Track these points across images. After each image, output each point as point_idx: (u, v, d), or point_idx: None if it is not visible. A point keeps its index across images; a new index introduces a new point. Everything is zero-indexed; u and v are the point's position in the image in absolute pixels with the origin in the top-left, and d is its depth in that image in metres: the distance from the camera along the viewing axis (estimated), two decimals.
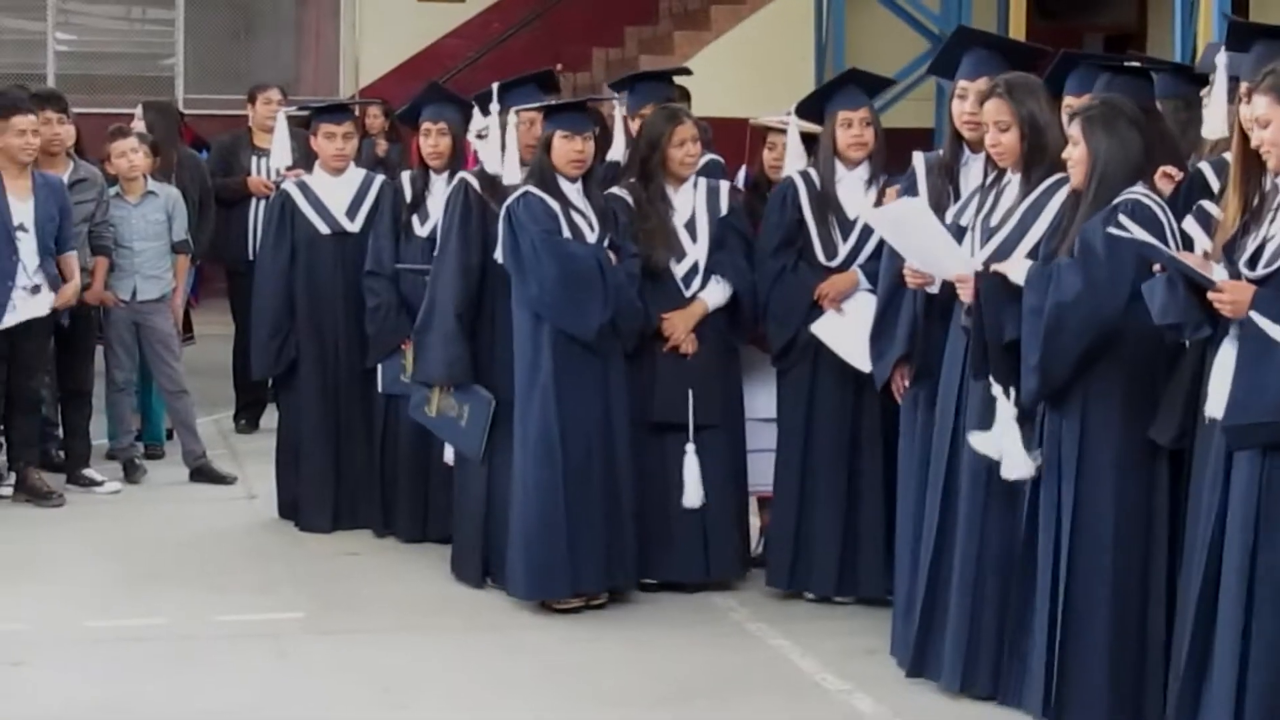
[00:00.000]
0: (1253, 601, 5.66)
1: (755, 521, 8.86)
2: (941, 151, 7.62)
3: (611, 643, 7.65)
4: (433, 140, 9.31)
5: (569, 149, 7.95)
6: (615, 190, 8.35)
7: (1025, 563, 6.60)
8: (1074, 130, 6.26)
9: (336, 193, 9.74)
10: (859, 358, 7.78)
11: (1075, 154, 6.21)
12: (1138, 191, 6.23)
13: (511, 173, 8.16)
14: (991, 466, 6.60)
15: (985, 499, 6.75)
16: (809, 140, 8.41)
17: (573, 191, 8.05)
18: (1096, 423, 6.36)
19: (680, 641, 7.67)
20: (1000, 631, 6.71)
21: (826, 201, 8.15)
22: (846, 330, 7.95)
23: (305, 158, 10.32)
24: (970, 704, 6.72)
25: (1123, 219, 5.98)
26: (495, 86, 8.52)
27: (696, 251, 8.30)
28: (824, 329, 8.02)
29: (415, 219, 9.42)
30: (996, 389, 6.45)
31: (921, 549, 7.11)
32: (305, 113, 10.45)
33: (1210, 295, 5.60)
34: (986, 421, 6.55)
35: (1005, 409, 6.44)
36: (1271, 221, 5.68)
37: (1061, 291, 6.16)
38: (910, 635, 7.08)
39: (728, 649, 7.62)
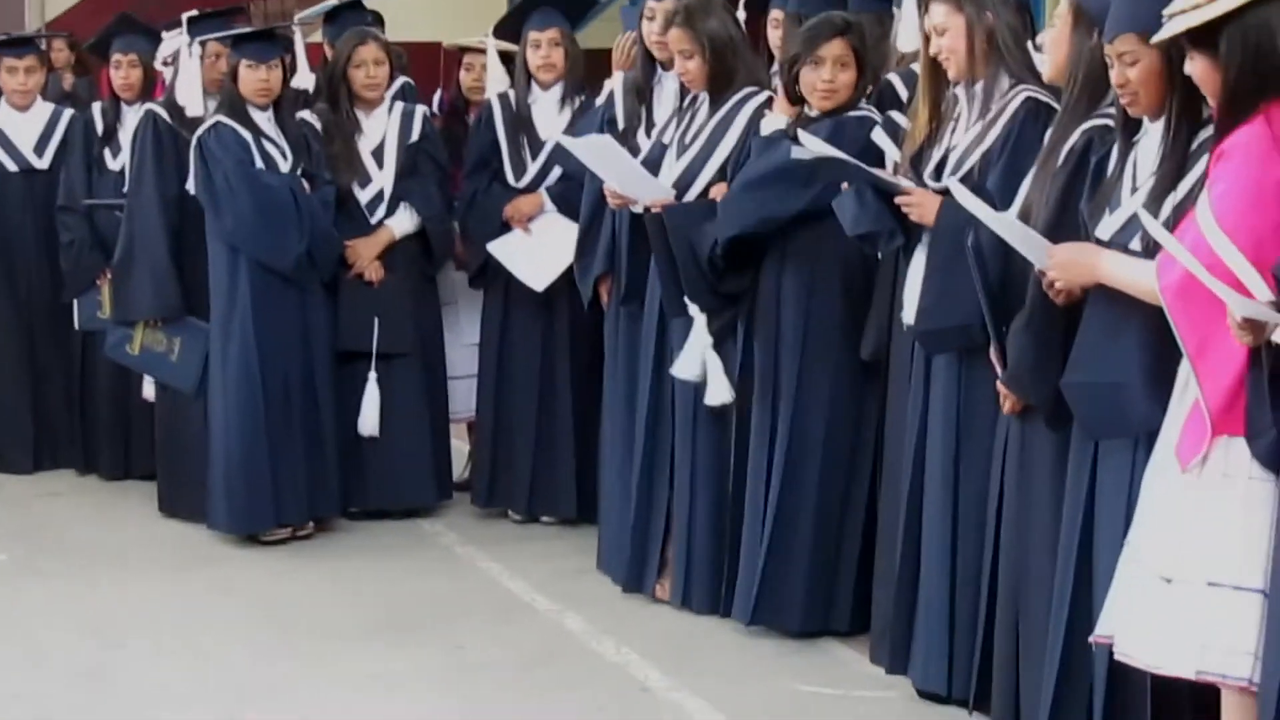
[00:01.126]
0: (957, 511, 5.71)
1: (466, 447, 8.73)
2: (635, 72, 7.55)
3: (322, 574, 7.52)
4: (124, 72, 9.04)
5: (254, 78, 7.77)
6: (306, 115, 8.18)
7: (736, 480, 6.62)
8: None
9: (23, 129, 9.40)
10: (534, 278, 7.85)
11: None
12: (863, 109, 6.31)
13: (194, 104, 8.02)
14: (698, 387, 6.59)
15: (694, 419, 6.76)
16: (510, 61, 8.35)
17: (264, 120, 7.87)
18: (815, 344, 6.37)
19: (391, 569, 7.56)
20: (716, 548, 6.74)
21: (519, 123, 8.08)
22: (527, 250, 7.95)
23: None
24: (681, 616, 6.77)
25: (802, 136, 5.95)
26: (184, 18, 8.32)
27: (382, 178, 8.17)
28: (501, 248, 7.98)
29: (107, 153, 9.12)
30: (694, 309, 6.41)
31: (631, 469, 7.12)
32: None
33: (899, 200, 5.62)
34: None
35: (701, 334, 6.43)
36: (953, 132, 5.69)
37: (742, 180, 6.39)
38: (624, 554, 7.08)
39: (438, 574, 7.53)
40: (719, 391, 6.51)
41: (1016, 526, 5.33)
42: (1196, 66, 4.34)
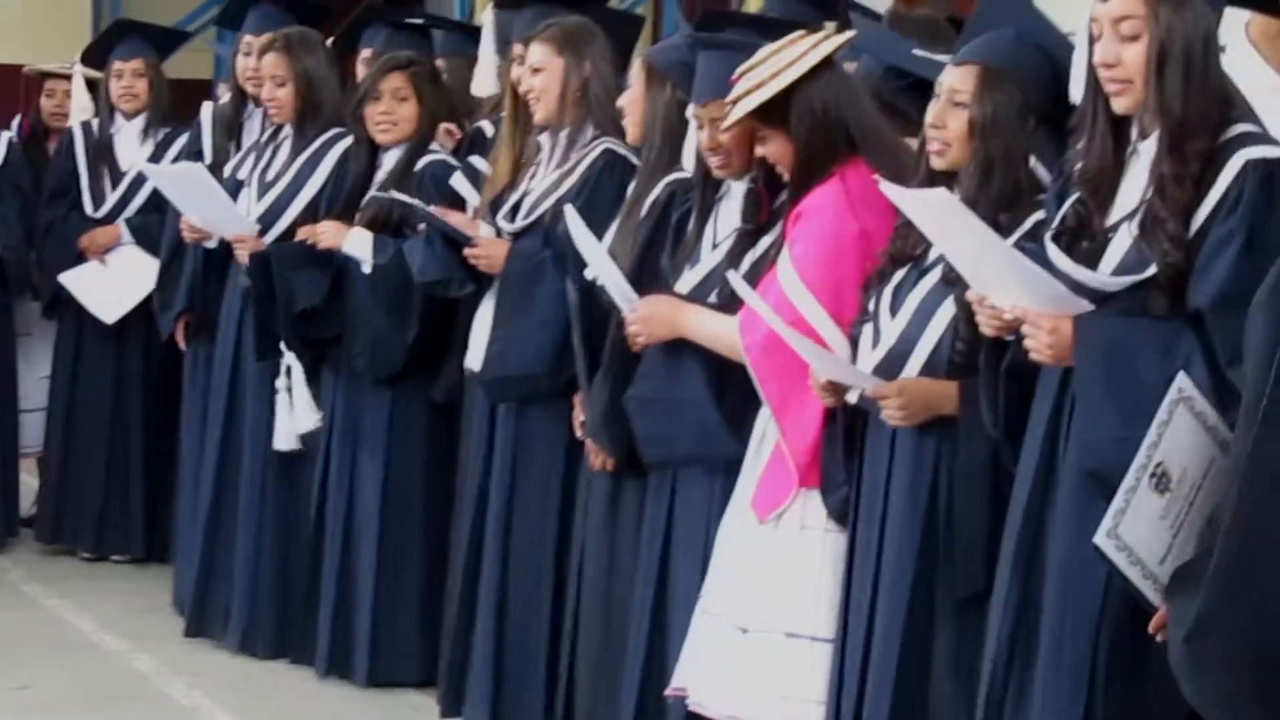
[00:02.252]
0: (508, 556, 5.75)
1: (35, 482, 8.43)
2: (224, 103, 7.50)
3: None
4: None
5: None
6: None
7: (316, 526, 6.53)
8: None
9: None
10: (105, 310, 7.66)
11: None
12: (437, 151, 6.32)
13: None
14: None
15: (264, 462, 6.66)
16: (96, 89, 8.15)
17: None
18: (403, 385, 6.39)
19: None
20: (284, 591, 6.64)
21: (100, 152, 7.89)
22: (101, 282, 7.76)
23: None
24: (252, 662, 6.60)
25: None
26: None
27: None
28: (73, 279, 7.74)
29: None
30: (290, 357, 6.37)
31: (198, 507, 6.98)
32: None
33: (466, 252, 5.64)
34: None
35: (300, 382, 6.40)
36: (532, 177, 5.70)
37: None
38: (194, 592, 6.91)
39: (3, 609, 7.23)
40: (288, 436, 6.50)
41: (599, 578, 5.32)
42: (770, 146, 4.46)
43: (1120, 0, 3.51)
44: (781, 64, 4.34)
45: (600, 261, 4.90)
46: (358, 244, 6.26)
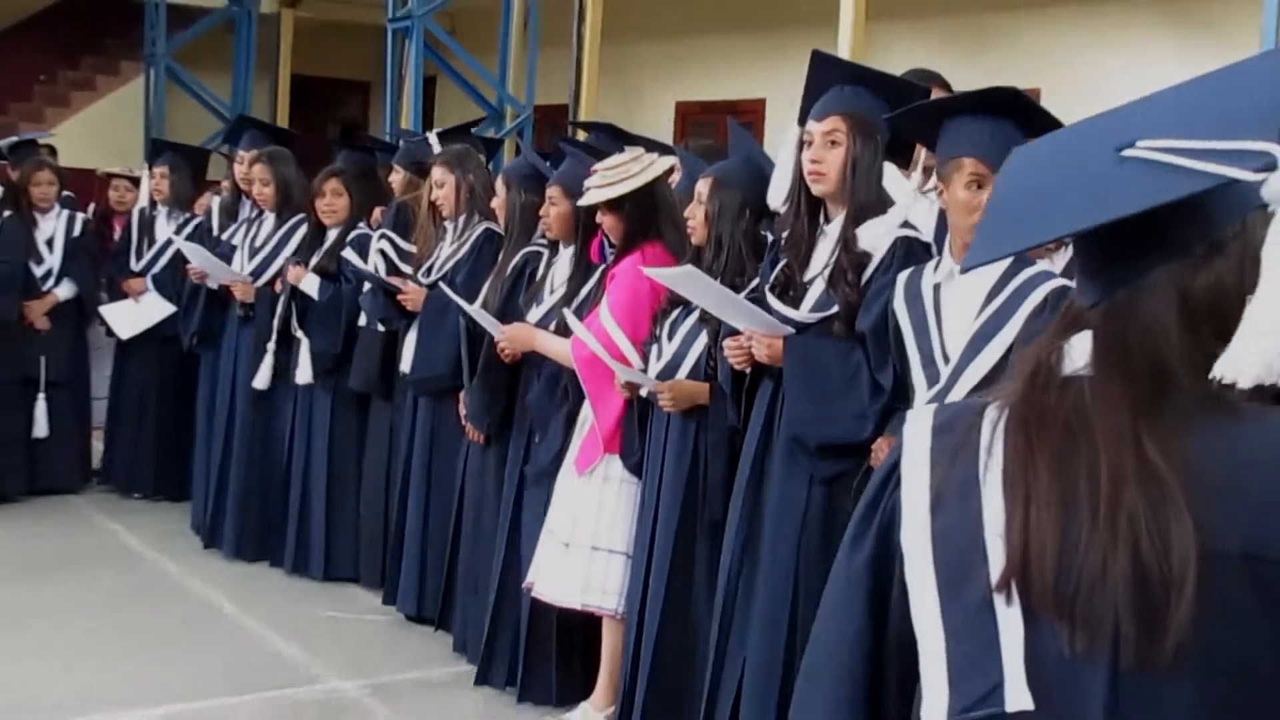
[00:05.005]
0: (429, 494, 5.58)
1: (100, 447, 7.99)
2: (226, 195, 7.32)
3: None
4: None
5: None
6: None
7: (285, 467, 6.38)
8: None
9: None
10: (123, 330, 7.42)
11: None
12: (361, 228, 6.21)
13: None
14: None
15: (250, 423, 6.48)
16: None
17: None
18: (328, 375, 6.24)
19: (44, 529, 6.94)
20: (264, 515, 6.47)
21: (144, 226, 7.64)
22: (127, 313, 7.48)
23: None
24: (244, 565, 6.43)
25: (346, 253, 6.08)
26: None
27: (52, 260, 7.52)
28: (108, 310, 7.54)
29: None
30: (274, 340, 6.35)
31: (210, 460, 6.76)
32: None
33: (399, 298, 5.58)
34: None
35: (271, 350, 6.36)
36: (440, 249, 5.60)
37: None
38: (204, 519, 6.74)
39: (77, 534, 6.94)
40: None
41: (473, 509, 5.29)
42: (607, 220, 4.48)
43: (830, 121, 3.53)
44: (627, 174, 4.38)
45: (475, 311, 4.94)
46: (311, 285, 6.19)
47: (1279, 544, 1.24)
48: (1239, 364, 1.32)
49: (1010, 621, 1.29)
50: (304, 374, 6.18)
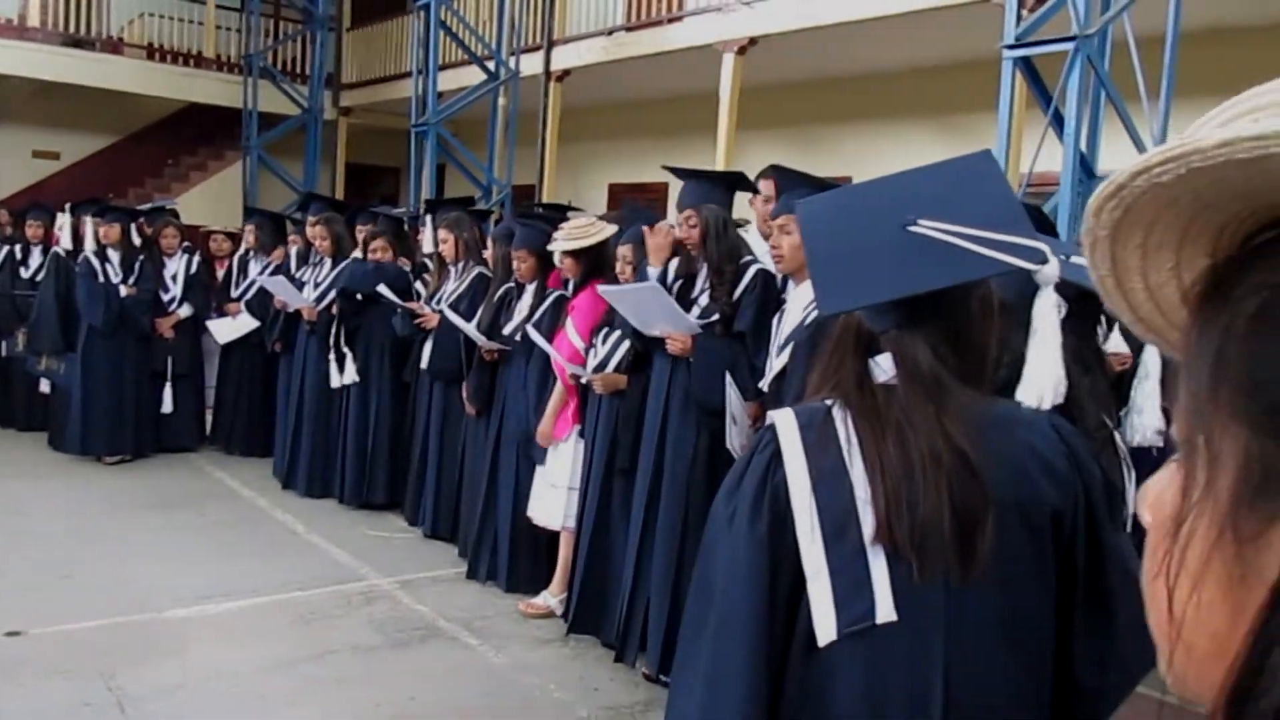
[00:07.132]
0: (444, 442, 5.51)
1: (210, 418, 7.80)
2: (298, 247, 7.12)
3: (130, 477, 6.75)
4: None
5: (99, 233, 7.00)
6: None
7: (338, 425, 6.24)
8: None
9: None
10: (222, 339, 7.19)
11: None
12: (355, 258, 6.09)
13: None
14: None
15: (319, 396, 6.28)
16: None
17: (113, 255, 7.03)
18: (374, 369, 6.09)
19: (166, 477, 6.79)
20: (325, 464, 6.31)
21: (241, 267, 7.47)
22: (225, 326, 7.24)
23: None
24: (311, 500, 6.28)
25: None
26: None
27: (176, 288, 7.32)
28: (212, 324, 7.28)
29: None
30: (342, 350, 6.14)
31: (286, 428, 6.60)
32: None
33: (417, 321, 5.53)
34: None
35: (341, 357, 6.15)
36: (446, 283, 5.51)
37: None
38: (283, 467, 6.59)
39: (195, 479, 6.79)
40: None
41: (471, 461, 5.20)
42: (568, 263, 4.39)
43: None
44: (587, 234, 4.31)
45: (468, 327, 4.90)
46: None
47: (1030, 494, 1.28)
48: (1030, 394, 1.50)
49: (878, 561, 1.28)
50: (349, 376, 6.09)
